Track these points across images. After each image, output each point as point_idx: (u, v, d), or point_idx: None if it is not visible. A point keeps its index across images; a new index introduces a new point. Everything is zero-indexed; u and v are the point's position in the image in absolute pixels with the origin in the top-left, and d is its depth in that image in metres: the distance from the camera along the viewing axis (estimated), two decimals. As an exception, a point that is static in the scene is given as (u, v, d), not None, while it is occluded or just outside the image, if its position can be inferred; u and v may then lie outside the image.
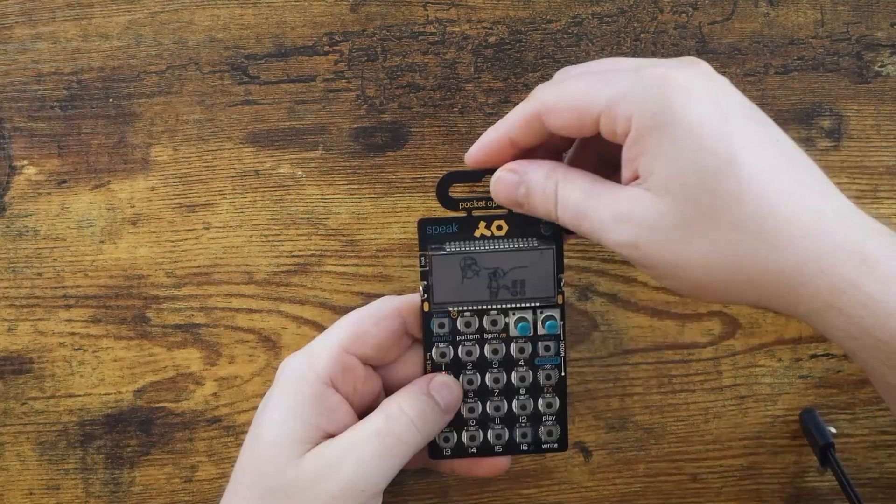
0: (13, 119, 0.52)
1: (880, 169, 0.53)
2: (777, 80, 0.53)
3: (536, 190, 0.44)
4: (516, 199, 0.45)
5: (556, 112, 0.43)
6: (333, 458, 0.43)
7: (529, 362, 0.47)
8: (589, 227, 0.42)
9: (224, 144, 0.52)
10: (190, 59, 0.52)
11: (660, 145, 0.40)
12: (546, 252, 0.46)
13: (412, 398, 0.45)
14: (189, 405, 0.53)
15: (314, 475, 0.43)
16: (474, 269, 0.46)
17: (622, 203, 0.41)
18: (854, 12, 0.53)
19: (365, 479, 0.43)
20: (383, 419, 0.44)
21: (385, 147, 0.52)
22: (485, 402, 0.47)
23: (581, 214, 0.42)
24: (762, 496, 0.54)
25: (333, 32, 0.52)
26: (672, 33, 0.52)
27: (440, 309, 0.46)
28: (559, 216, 0.43)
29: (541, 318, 0.47)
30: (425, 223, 0.46)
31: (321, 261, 0.53)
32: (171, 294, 0.52)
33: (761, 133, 0.41)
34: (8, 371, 0.52)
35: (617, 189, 0.42)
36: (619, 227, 0.41)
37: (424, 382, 0.46)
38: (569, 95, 0.42)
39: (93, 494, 0.53)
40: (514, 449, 0.48)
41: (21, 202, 0.52)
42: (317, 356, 0.45)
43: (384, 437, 0.44)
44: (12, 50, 0.52)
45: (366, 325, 0.46)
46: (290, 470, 0.43)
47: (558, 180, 0.43)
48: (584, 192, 0.42)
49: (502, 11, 0.52)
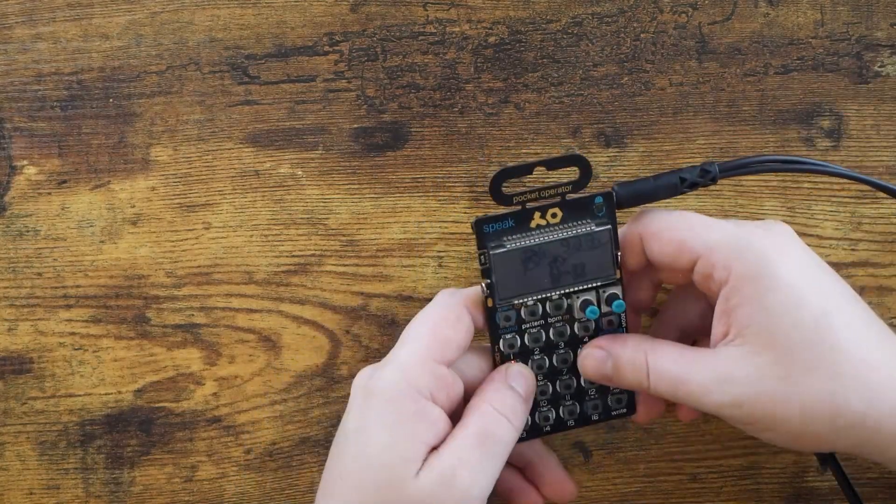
0: (13, 119, 0.52)
1: (880, 169, 0.53)
2: (777, 80, 0.53)
3: (625, 364, 0.46)
4: (605, 373, 0.46)
5: (658, 239, 0.45)
6: (447, 470, 0.43)
7: (594, 338, 0.48)
8: (686, 393, 0.44)
9: (224, 144, 0.52)
10: (190, 59, 0.52)
11: (759, 298, 0.42)
12: (602, 232, 0.46)
13: (498, 394, 0.45)
14: (189, 405, 0.53)
15: (432, 492, 0.43)
16: (535, 260, 0.46)
17: (720, 365, 0.43)
18: (854, 12, 0.53)
19: (478, 486, 0.43)
20: (479, 422, 0.44)
21: (385, 147, 0.52)
22: (555, 382, 0.48)
23: (678, 381, 0.44)
24: (762, 496, 0.54)
25: (333, 32, 0.52)
26: (672, 33, 0.52)
27: (505, 303, 0.46)
28: (652, 385, 0.45)
29: (604, 297, 0.47)
30: (482, 223, 0.46)
31: (321, 261, 0.53)
32: (171, 294, 0.52)
33: (839, 287, 0.44)
34: (8, 371, 0.52)
35: (710, 353, 0.44)
36: (721, 389, 0.43)
37: (502, 375, 0.46)
38: (674, 227, 0.45)
39: (93, 494, 0.53)
40: (585, 421, 0.49)
41: (21, 202, 0.52)
42: (411, 370, 0.44)
43: (484, 440, 0.44)
44: (12, 50, 0.52)
45: (445, 330, 0.45)
46: (409, 490, 0.43)
47: (647, 351, 0.45)
48: (676, 361, 0.44)
49: (502, 11, 0.52)
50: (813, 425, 0.42)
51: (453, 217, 0.53)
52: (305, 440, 0.53)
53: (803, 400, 0.42)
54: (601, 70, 0.52)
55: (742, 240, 0.43)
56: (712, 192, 0.52)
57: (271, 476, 0.53)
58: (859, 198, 0.53)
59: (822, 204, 0.53)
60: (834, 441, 0.43)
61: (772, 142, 0.53)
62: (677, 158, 0.53)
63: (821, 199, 0.53)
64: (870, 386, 0.42)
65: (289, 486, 0.53)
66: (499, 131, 0.52)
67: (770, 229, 0.45)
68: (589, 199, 0.46)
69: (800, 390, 0.42)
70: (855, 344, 0.42)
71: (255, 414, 0.53)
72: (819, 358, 0.42)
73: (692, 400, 0.44)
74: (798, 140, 0.53)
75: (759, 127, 0.53)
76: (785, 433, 0.43)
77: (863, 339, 0.42)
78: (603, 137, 0.52)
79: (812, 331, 0.42)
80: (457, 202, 0.53)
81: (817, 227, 0.53)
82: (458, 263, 0.53)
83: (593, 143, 0.52)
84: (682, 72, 0.52)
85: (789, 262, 0.43)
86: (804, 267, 0.43)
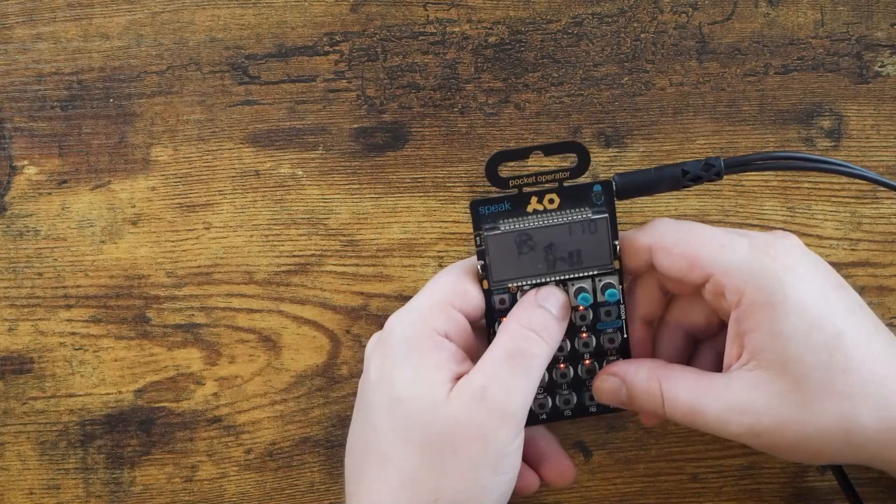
0: (14, 119, 0.52)
1: (880, 169, 0.53)
2: (777, 80, 0.53)
3: (640, 391, 0.45)
4: (620, 399, 0.46)
5: (668, 252, 0.45)
6: (477, 389, 0.43)
7: (592, 328, 0.48)
8: (703, 422, 0.44)
9: (224, 144, 0.52)
10: (190, 59, 0.52)
11: (771, 324, 0.42)
12: (600, 220, 0.46)
13: (527, 312, 0.45)
14: (189, 405, 0.53)
15: (465, 411, 0.42)
16: (530, 244, 0.46)
17: (736, 393, 0.43)
18: (854, 12, 0.53)
19: (513, 402, 0.43)
20: (508, 339, 0.44)
21: (385, 147, 0.52)
22: (551, 370, 0.48)
23: (693, 411, 0.44)
24: (762, 496, 0.54)
25: (334, 32, 0.52)
26: (672, 33, 0.52)
27: (500, 286, 0.46)
28: (668, 414, 0.45)
29: (600, 286, 0.47)
30: (477, 204, 0.46)
31: (321, 261, 0.53)
32: (171, 294, 0.52)
33: (849, 300, 0.44)
34: (8, 371, 0.52)
35: (724, 379, 0.44)
36: (738, 419, 0.43)
37: (531, 296, 0.46)
38: (686, 244, 0.44)
39: (93, 494, 0.53)
40: (583, 412, 0.49)
41: (21, 202, 0.52)
42: (427, 311, 0.45)
43: (516, 356, 0.44)
44: (13, 50, 0.52)
45: (466, 283, 0.46)
46: (442, 413, 0.43)
47: (661, 379, 0.45)
48: (691, 389, 0.44)
49: (502, 11, 0.52)
50: (829, 446, 0.43)
51: (453, 217, 0.53)
52: (306, 440, 0.53)
53: (819, 424, 0.42)
54: (601, 70, 0.52)
55: (755, 264, 0.43)
56: (712, 192, 0.52)
57: (271, 476, 0.53)
58: (859, 198, 0.53)
59: (823, 204, 0.53)
60: (848, 456, 0.43)
61: (772, 142, 0.53)
62: (677, 158, 0.53)
63: (821, 198, 0.53)
64: (880, 402, 0.42)
65: (289, 486, 0.53)
66: (499, 131, 0.53)
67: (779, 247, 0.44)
68: (587, 187, 0.46)
69: (815, 415, 0.42)
70: (866, 364, 0.42)
71: (255, 414, 0.53)
72: (833, 381, 0.42)
73: (709, 429, 0.44)
74: (798, 140, 0.53)
75: (759, 127, 0.53)
76: (802, 454, 0.44)
77: (873, 356, 0.43)
78: (603, 137, 0.53)
79: (826, 355, 0.42)
80: (457, 202, 0.53)
81: (817, 227, 0.53)
82: (458, 263, 0.53)
83: (593, 143, 0.52)
84: (682, 72, 0.52)
85: (802, 285, 0.43)
86: (815, 288, 0.43)
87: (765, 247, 0.44)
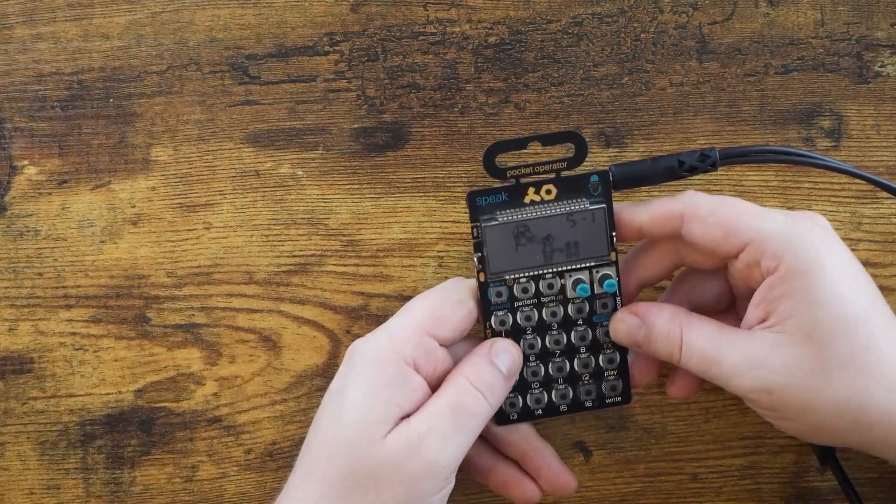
0: (14, 119, 0.52)
1: (880, 169, 0.53)
2: (777, 80, 0.53)
3: (659, 334, 0.45)
4: (636, 340, 0.46)
5: (702, 221, 0.44)
6: (415, 437, 0.43)
7: (588, 321, 0.48)
8: (717, 373, 0.44)
9: (224, 144, 0.52)
10: (190, 59, 0.52)
11: (806, 291, 0.43)
12: (597, 211, 0.46)
13: (477, 368, 0.45)
14: (189, 405, 0.53)
15: (397, 456, 0.43)
16: (527, 235, 0.46)
17: (755, 348, 0.43)
18: (854, 12, 0.53)
19: (446, 457, 0.43)
20: (454, 393, 0.45)
21: (385, 147, 0.52)
22: (547, 364, 0.48)
23: (710, 360, 0.44)
24: (762, 496, 0.54)
25: (334, 32, 0.52)
26: (672, 33, 0.52)
27: (496, 278, 0.46)
28: (683, 360, 0.45)
29: (597, 278, 0.47)
30: (475, 195, 0.46)
31: (321, 261, 0.53)
32: (171, 294, 0.52)
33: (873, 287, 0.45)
34: (8, 371, 0.52)
35: (746, 335, 0.44)
36: (752, 373, 0.43)
37: (485, 350, 0.46)
38: (721, 211, 0.44)
39: (93, 494, 0.53)
40: (578, 407, 0.48)
41: (22, 202, 0.52)
42: (399, 338, 0.45)
43: (457, 412, 0.44)
44: (13, 50, 0.52)
45: (443, 308, 0.46)
46: (374, 450, 0.43)
47: (682, 325, 0.45)
48: (712, 339, 0.44)
49: (502, 11, 0.52)
50: (838, 420, 0.43)
51: (453, 217, 0.53)
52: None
53: (833, 395, 0.42)
54: (601, 70, 0.52)
55: (794, 233, 0.43)
56: (712, 190, 0.52)
57: (272, 476, 0.53)
58: (859, 198, 0.53)
59: (822, 204, 0.53)
60: (852, 436, 0.44)
61: (772, 142, 0.53)
62: (677, 158, 0.53)
63: (821, 198, 0.53)
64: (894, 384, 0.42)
65: (289, 485, 0.53)
66: (499, 131, 0.53)
67: (815, 222, 0.45)
68: (584, 178, 0.46)
69: (832, 385, 0.42)
70: (887, 344, 0.43)
71: (255, 414, 0.53)
72: (853, 355, 0.42)
73: (721, 380, 0.44)
74: (798, 140, 0.53)
75: (759, 127, 0.53)
76: (806, 424, 0.44)
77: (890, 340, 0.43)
78: (603, 137, 0.53)
79: (852, 328, 0.42)
80: (457, 202, 0.53)
81: (817, 227, 0.53)
82: (458, 263, 0.53)
83: (594, 143, 0.52)
84: (682, 72, 0.52)
85: (836, 258, 0.44)
86: (847, 264, 0.44)
87: (801, 220, 0.44)
